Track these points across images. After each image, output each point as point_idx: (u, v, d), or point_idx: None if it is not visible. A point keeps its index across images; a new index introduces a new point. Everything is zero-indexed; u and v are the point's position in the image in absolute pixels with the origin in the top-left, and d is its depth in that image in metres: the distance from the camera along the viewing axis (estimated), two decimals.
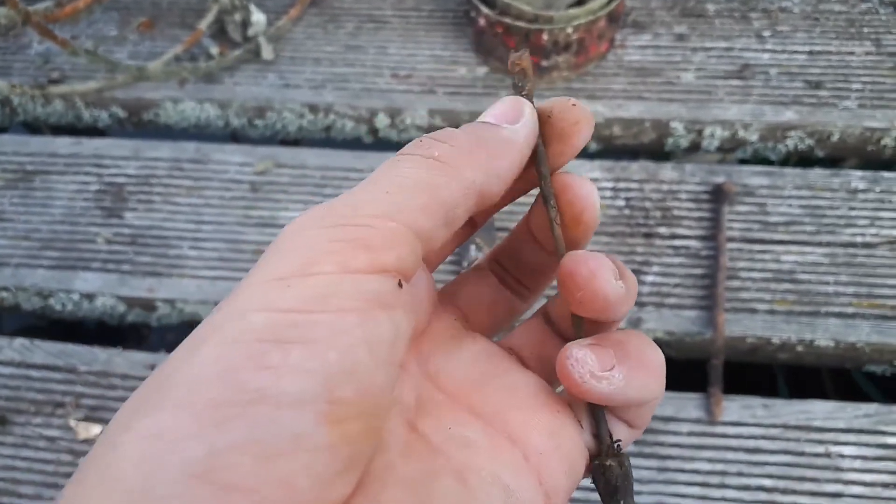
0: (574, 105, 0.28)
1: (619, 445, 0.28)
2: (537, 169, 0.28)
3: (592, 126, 0.28)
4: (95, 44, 1.01)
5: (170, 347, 0.79)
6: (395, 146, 0.91)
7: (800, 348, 0.73)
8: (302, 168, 0.87)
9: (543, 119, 0.28)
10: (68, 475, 0.68)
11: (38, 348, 0.76)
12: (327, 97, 0.92)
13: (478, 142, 0.25)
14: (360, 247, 0.22)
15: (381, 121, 0.91)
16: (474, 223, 0.31)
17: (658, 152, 0.91)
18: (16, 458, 0.70)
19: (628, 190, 0.83)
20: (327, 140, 0.95)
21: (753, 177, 0.83)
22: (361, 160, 0.87)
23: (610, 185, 0.84)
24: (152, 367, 0.74)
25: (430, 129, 0.91)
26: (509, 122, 0.27)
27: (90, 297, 0.80)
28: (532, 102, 0.28)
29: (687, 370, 0.77)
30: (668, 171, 0.84)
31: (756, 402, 0.69)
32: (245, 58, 0.96)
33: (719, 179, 0.83)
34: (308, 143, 1.00)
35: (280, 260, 0.22)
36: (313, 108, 0.92)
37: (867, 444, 0.66)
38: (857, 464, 0.66)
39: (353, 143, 0.93)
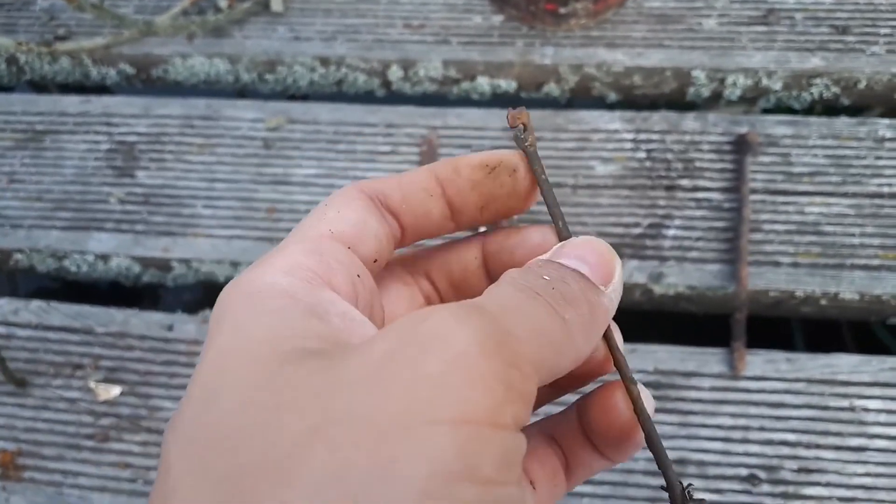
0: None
1: (689, 492, 0.26)
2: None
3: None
4: None
5: (186, 307, 0.78)
6: (408, 99, 0.89)
7: (824, 301, 0.72)
8: (315, 123, 0.86)
9: (509, 172, 0.27)
10: (90, 437, 0.69)
11: (54, 310, 0.76)
12: (339, 49, 0.90)
13: (593, 315, 0.23)
14: (521, 401, 0.20)
15: (395, 73, 0.89)
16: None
17: (679, 102, 0.89)
18: (37, 419, 0.70)
19: (649, 141, 0.81)
20: (339, 94, 0.93)
21: (777, 126, 0.81)
22: (374, 114, 0.86)
23: (630, 136, 0.82)
24: (169, 328, 0.74)
25: (444, 80, 0.88)
26: (604, 280, 0.24)
27: (105, 257, 0.79)
28: (537, 157, 0.27)
29: (709, 325, 0.76)
30: (690, 121, 0.82)
31: (779, 356, 0.68)
32: (254, 10, 0.94)
33: (742, 129, 0.81)
34: (319, 98, 0.98)
35: (460, 390, 0.19)
36: (325, 62, 0.90)
37: (893, 398, 0.66)
38: (882, 417, 0.65)
39: (366, 97, 0.91)
